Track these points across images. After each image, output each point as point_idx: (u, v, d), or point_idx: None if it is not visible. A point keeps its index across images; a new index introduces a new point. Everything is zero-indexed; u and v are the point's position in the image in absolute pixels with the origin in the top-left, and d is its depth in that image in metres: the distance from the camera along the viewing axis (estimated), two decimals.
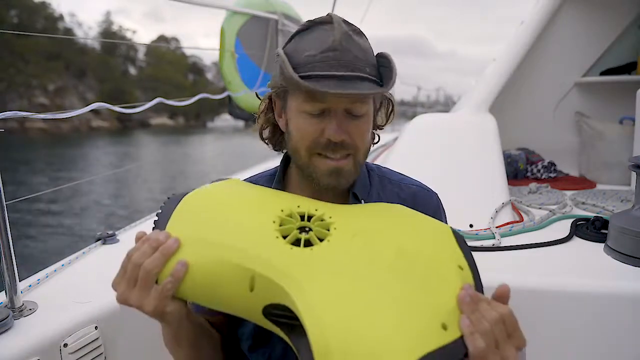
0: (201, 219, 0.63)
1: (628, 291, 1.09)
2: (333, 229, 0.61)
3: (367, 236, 0.60)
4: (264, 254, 0.57)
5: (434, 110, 9.39)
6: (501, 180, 1.76)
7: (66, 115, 1.20)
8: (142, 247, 0.60)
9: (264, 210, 0.64)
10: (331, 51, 0.70)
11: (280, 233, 0.60)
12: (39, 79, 39.75)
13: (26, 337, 0.87)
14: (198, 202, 0.66)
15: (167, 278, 0.58)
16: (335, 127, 0.71)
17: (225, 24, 3.07)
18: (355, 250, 0.58)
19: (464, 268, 0.60)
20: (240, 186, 0.74)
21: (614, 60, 2.56)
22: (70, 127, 35.56)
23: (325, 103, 0.71)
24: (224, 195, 0.68)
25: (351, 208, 0.70)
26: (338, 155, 0.74)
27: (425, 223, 0.67)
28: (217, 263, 0.58)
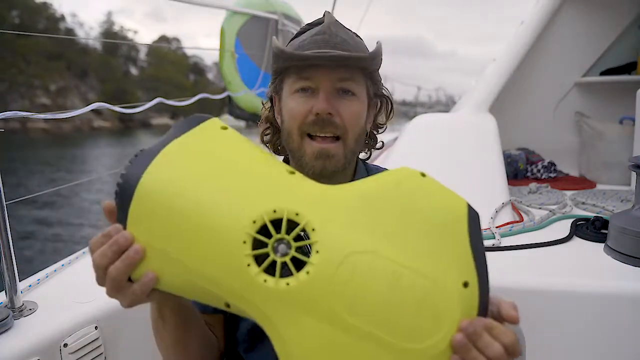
0: (165, 221, 0.52)
1: (628, 291, 1.09)
2: (315, 253, 0.49)
3: (354, 263, 0.49)
4: (236, 286, 0.50)
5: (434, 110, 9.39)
6: (501, 180, 1.76)
7: (66, 115, 1.20)
8: (102, 247, 0.54)
9: (232, 223, 0.51)
10: (320, 34, 0.74)
11: (252, 258, 0.50)
12: (40, 79, 39.85)
13: (26, 337, 0.86)
14: (162, 188, 0.53)
15: (137, 285, 0.53)
16: (322, 100, 0.72)
17: (225, 24, 3.07)
18: (336, 289, 0.48)
19: (470, 283, 0.51)
20: (212, 154, 0.57)
21: (614, 60, 2.56)
22: (72, 127, 35.62)
23: (313, 80, 0.73)
24: (190, 182, 0.54)
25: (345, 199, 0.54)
26: (326, 133, 0.73)
27: (437, 213, 0.54)
28: (187, 283, 0.53)
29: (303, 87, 0.74)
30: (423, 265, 0.50)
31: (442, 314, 0.49)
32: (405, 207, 0.53)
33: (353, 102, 0.75)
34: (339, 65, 0.73)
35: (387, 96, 0.85)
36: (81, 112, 1.23)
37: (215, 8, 2.99)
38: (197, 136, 0.58)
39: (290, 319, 0.49)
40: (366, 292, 0.49)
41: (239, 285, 0.50)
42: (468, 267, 0.51)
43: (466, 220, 0.54)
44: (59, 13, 50.44)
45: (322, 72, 0.73)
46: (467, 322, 0.49)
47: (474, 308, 0.50)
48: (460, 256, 0.52)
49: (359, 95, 0.76)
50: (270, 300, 0.49)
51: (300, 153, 0.76)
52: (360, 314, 0.48)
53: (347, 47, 0.73)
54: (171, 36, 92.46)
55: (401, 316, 0.48)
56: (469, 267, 0.51)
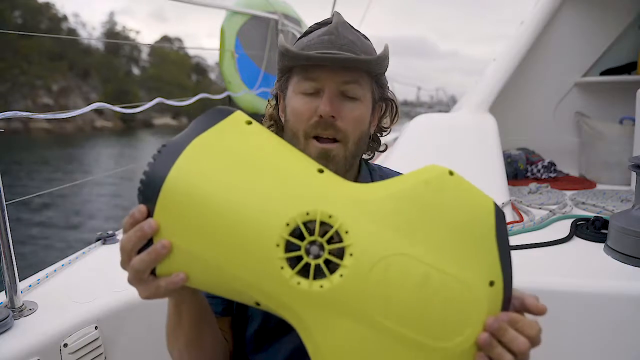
0: (194, 222, 0.51)
1: (628, 291, 1.09)
2: (349, 255, 0.50)
3: (387, 265, 0.50)
4: (269, 289, 0.50)
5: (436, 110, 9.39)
6: (501, 180, 1.76)
7: (66, 115, 1.20)
8: (129, 233, 0.52)
9: (265, 226, 0.50)
10: (327, 35, 0.74)
11: (286, 260, 0.50)
12: (42, 80, 40.03)
13: (26, 337, 0.86)
14: (190, 185, 0.52)
15: (163, 282, 0.52)
16: (325, 102, 0.72)
17: (225, 24, 3.07)
18: (370, 290, 0.49)
19: (496, 281, 0.52)
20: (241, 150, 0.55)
21: (614, 60, 2.56)
22: (74, 127, 35.81)
23: (319, 82, 0.73)
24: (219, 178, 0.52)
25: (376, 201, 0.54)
26: (327, 134, 0.73)
27: (465, 213, 0.54)
28: (216, 283, 0.52)
29: (308, 87, 0.74)
30: (452, 265, 0.51)
31: (469, 313, 0.50)
32: (435, 207, 0.54)
33: (357, 106, 0.75)
34: (345, 68, 0.72)
35: (392, 99, 0.84)
36: (81, 112, 1.23)
37: (215, 8, 2.99)
38: (223, 132, 0.56)
39: (324, 321, 0.49)
40: (398, 293, 0.49)
41: (271, 288, 0.50)
42: (494, 266, 0.53)
43: (493, 219, 0.54)
44: (62, 13, 50.67)
45: (327, 74, 0.72)
46: (492, 319, 0.50)
47: (498, 305, 0.52)
48: (487, 255, 0.53)
49: (363, 99, 0.76)
50: (304, 302, 0.49)
51: (305, 154, 0.76)
52: (392, 315, 0.49)
53: (354, 49, 0.73)
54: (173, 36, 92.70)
55: (431, 316, 0.49)
56: (495, 266, 0.53)
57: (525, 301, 0.54)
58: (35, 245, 7.66)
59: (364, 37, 0.79)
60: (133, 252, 0.52)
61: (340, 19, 0.76)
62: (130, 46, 54.15)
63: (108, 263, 1.23)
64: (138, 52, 51.10)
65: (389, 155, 2.02)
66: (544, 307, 0.54)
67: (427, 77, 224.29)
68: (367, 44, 0.77)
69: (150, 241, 0.52)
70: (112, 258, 1.26)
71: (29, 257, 6.75)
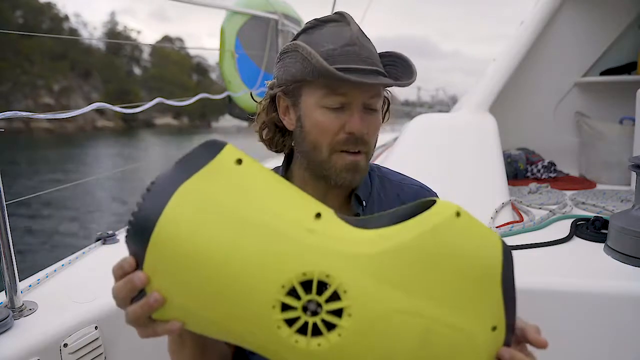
0: (185, 276, 0.49)
1: (628, 291, 1.09)
2: (347, 316, 0.48)
3: (386, 324, 0.49)
4: (266, 346, 0.50)
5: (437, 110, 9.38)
6: (501, 180, 1.76)
7: (66, 115, 1.20)
8: (119, 283, 0.52)
9: (261, 285, 0.49)
10: (350, 46, 0.72)
11: (283, 321, 0.49)
12: (44, 79, 40.16)
13: (26, 337, 0.87)
14: (181, 236, 0.49)
15: (160, 328, 0.52)
16: (358, 121, 0.72)
17: (225, 24, 3.07)
18: (369, 349, 0.49)
19: (498, 327, 0.52)
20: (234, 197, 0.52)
21: (614, 60, 2.56)
22: (76, 127, 35.91)
23: (346, 97, 0.72)
24: (212, 228, 0.50)
25: (378, 253, 0.51)
26: (357, 150, 0.75)
27: (470, 259, 0.52)
28: (214, 334, 0.53)
29: (335, 102, 0.73)
30: (453, 315, 0.51)
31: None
32: (439, 256, 0.52)
33: (376, 117, 0.76)
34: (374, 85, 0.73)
35: (388, 98, 0.85)
36: (81, 112, 1.24)
37: (215, 8, 2.99)
38: (212, 176, 0.53)
39: None
40: (398, 351, 0.49)
41: (269, 345, 0.50)
42: (497, 311, 0.53)
43: (500, 261, 0.53)
44: (63, 13, 50.77)
45: (357, 90, 0.72)
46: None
47: (499, 346, 0.53)
48: (491, 300, 0.53)
49: (379, 109, 0.77)
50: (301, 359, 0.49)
51: (329, 166, 0.76)
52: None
53: (375, 60, 0.73)
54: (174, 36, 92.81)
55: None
56: (499, 311, 0.53)
57: (526, 334, 0.55)
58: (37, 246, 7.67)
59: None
60: (126, 301, 0.52)
61: (355, 23, 0.75)
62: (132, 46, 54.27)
63: (108, 263, 1.22)
64: (139, 52, 51.22)
65: (389, 155, 2.02)
66: (544, 341, 0.54)
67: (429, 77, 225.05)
68: (374, 48, 0.78)
69: (142, 291, 0.51)
70: (112, 258, 1.26)
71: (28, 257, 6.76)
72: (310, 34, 0.75)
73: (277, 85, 0.79)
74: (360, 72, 0.70)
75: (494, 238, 0.54)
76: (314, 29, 0.76)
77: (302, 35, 0.77)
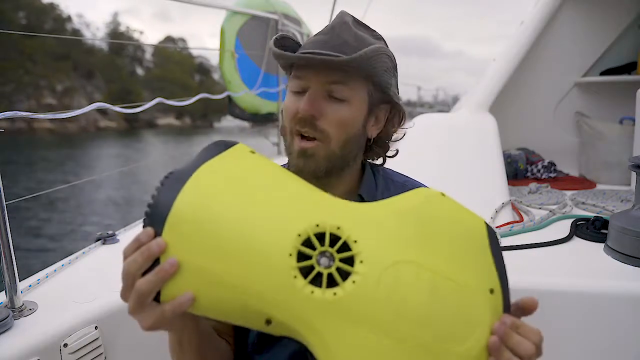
0: (203, 238, 0.51)
1: (628, 291, 1.09)
2: (359, 262, 0.51)
3: (397, 272, 0.51)
4: (283, 299, 0.50)
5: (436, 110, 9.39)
6: (501, 180, 1.76)
7: (65, 115, 1.20)
8: (134, 255, 0.51)
9: (277, 238, 0.51)
10: (322, 34, 0.75)
11: (298, 270, 0.50)
12: (47, 80, 40.30)
13: (26, 337, 0.86)
14: (199, 204, 0.53)
15: (169, 306, 0.50)
16: (305, 101, 0.72)
17: (225, 24, 3.07)
18: (383, 296, 0.50)
19: (495, 289, 0.54)
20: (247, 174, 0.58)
21: (614, 60, 2.56)
22: (78, 127, 36.07)
23: (304, 81, 0.74)
24: (229, 199, 0.54)
25: (379, 215, 0.57)
26: (305, 132, 0.73)
27: (460, 228, 0.57)
28: (227, 301, 0.51)
29: (296, 86, 0.75)
30: (455, 274, 0.53)
31: (476, 317, 0.52)
32: (435, 221, 0.57)
33: (342, 107, 0.73)
34: (330, 68, 0.71)
35: (397, 103, 0.81)
36: (81, 112, 1.24)
37: (215, 8, 2.99)
38: (228, 159, 0.58)
39: (338, 328, 0.49)
40: (410, 298, 0.50)
41: (285, 298, 0.50)
42: (492, 276, 0.55)
43: (486, 234, 0.58)
44: (66, 14, 50.88)
45: (312, 74, 0.72)
46: (498, 324, 0.51)
47: (500, 312, 0.54)
48: (484, 266, 0.56)
49: (351, 100, 0.74)
50: (318, 311, 0.49)
51: (290, 150, 0.77)
52: (406, 319, 0.50)
53: (345, 49, 0.71)
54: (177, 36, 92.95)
55: (441, 320, 0.51)
56: (493, 276, 0.55)
57: (519, 303, 0.56)
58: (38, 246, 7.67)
59: (372, 35, 0.77)
60: (138, 275, 0.50)
61: (341, 18, 0.75)
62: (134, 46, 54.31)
63: (108, 263, 1.23)
64: (142, 53, 51.36)
65: None
66: (535, 299, 0.55)
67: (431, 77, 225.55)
68: (369, 42, 0.74)
69: (155, 263, 0.51)
70: (112, 258, 1.26)
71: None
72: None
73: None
74: (307, 57, 0.71)
75: (477, 216, 0.59)
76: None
77: None
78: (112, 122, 40.48)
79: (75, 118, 1.22)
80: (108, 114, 3.80)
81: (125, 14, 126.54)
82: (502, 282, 0.55)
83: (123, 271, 0.51)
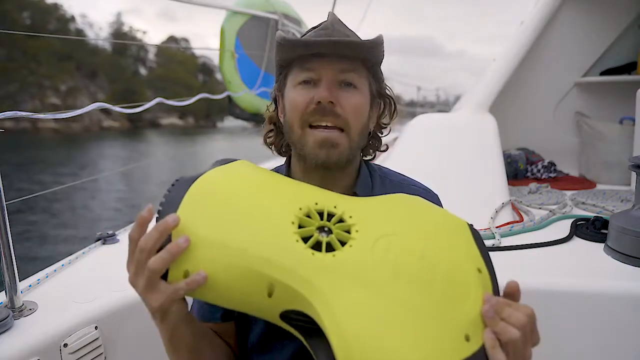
0: (214, 215, 0.56)
1: (628, 291, 1.09)
2: (355, 232, 0.57)
3: (389, 241, 0.57)
4: (286, 261, 0.53)
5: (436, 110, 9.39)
6: (501, 180, 1.76)
7: (65, 115, 1.20)
8: (150, 231, 0.54)
9: (280, 209, 0.58)
10: (323, 30, 0.75)
11: (300, 236, 0.55)
12: (50, 80, 40.50)
13: (26, 337, 0.86)
14: (209, 191, 0.59)
15: (181, 284, 0.53)
16: (323, 89, 0.72)
17: (225, 24, 3.08)
18: (378, 257, 0.55)
19: (482, 270, 0.58)
20: (252, 172, 0.67)
21: (614, 60, 2.56)
22: (82, 127, 36.29)
23: (316, 71, 0.73)
24: (236, 186, 0.61)
25: (369, 203, 0.65)
26: (327, 122, 0.73)
27: (443, 219, 0.64)
28: (235, 269, 0.54)
29: (305, 78, 0.74)
30: (443, 250, 0.58)
31: (467, 285, 0.55)
32: (422, 211, 0.65)
33: (355, 94, 0.74)
34: (341, 57, 0.72)
35: (390, 96, 0.84)
36: (81, 112, 1.24)
37: (215, 8, 2.99)
38: (237, 165, 0.68)
39: (338, 286, 0.52)
40: (403, 261, 0.55)
41: (289, 260, 0.53)
42: (478, 259, 0.60)
43: (469, 231, 0.64)
44: (69, 14, 50.98)
45: (325, 63, 0.72)
46: (489, 295, 0.54)
47: (489, 291, 0.57)
48: (470, 251, 0.60)
49: (360, 88, 0.75)
50: (319, 270, 0.53)
51: (302, 143, 0.75)
52: (403, 279, 0.53)
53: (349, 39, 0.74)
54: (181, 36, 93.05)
55: (435, 283, 0.54)
56: (479, 259, 0.60)
57: (504, 290, 0.57)
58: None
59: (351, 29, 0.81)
60: (153, 251, 0.53)
61: (335, 18, 0.77)
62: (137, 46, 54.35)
63: (108, 263, 1.23)
64: (145, 52, 51.51)
65: (389, 155, 2.02)
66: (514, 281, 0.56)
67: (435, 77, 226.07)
68: (358, 38, 0.78)
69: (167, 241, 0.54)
70: (112, 258, 1.26)
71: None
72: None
73: (275, 82, 0.82)
74: (332, 41, 0.71)
75: (460, 218, 0.66)
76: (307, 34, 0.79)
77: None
78: (116, 122, 40.70)
79: (79, 118, 1.23)
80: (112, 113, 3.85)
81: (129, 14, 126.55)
82: (489, 269, 0.59)
83: (139, 246, 0.54)
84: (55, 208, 10.27)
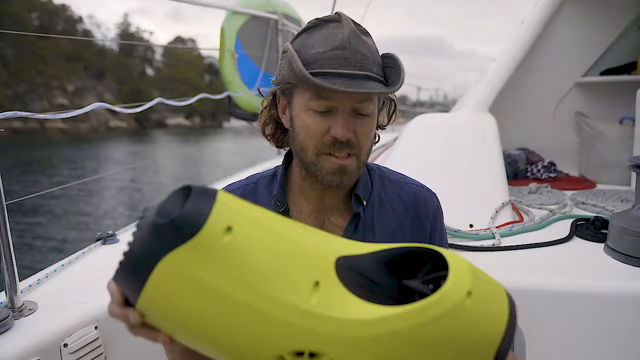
0: (177, 331, 0.55)
1: (628, 291, 1.09)
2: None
3: None
4: None
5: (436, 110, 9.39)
6: (501, 180, 1.76)
7: (65, 115, 1.21)
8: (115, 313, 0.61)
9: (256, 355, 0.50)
10: (340, 49, 0.71)
11: None
12: (58, 80, 40.67)
13: (26, 337, 0.87)
14: (167, 306, 0.52)
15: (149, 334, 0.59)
16: (342, 126, 0.72)
17: (225, 24, 3.07)
18: None
19: None
20: (223, 282, 0.49)
21: (614, 60, 2.56)
22: (89, 127, 36.52)
23: (333, 101, 0.72)
24: (204, 317, 0.50)
25: (372, 334, 0.49)
26: (343, 154, 0.74)
27: (469, 344, 0.50)
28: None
29: (320, 106, 0.73)
30: None
31: None
32: (439, 344, 0.49)
33: (368, 121, 0.76)
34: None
35: (392, 99, 0.84)
36: (81, 112, 1.24)
37: (215, 8, 2.99)
38: (198, 252, 0.48)
39: None
40: None
41: None
42: None
43: (499, 341, 0.52)
44: (77, 15, 51.21)
45: (344, 96, 0.71)
46: None
47: None
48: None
49: (372, 113, 0.76)
50: None
51: (316, 168, 0.76)
52: None
53: (367, 64, 0.72)
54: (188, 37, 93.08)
55: None
56: None
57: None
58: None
59: (369, 36, 0.77)
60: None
61: (350, 26, 0.72)
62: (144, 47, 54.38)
63: (108, 263, 1.23)
64: (152, 53, 51.64)
65: (389, 155, 2.02)
66: None
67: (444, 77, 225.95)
68: (373, 48, 0.75)
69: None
70: (112, 258, 1.26)
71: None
72: (309, 34, 0.75)
73: (277, 83, 0.80)
74: (348, 77, 0.69)
75: (501, 316, 0.52)
76: (313, 29, 0.75)
77: (301, 35, 0.77)
78: (123, 122, 40.86)
79: (86, 118, 1.23)
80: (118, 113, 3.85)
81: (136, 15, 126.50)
82: None
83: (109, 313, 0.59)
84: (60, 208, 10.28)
